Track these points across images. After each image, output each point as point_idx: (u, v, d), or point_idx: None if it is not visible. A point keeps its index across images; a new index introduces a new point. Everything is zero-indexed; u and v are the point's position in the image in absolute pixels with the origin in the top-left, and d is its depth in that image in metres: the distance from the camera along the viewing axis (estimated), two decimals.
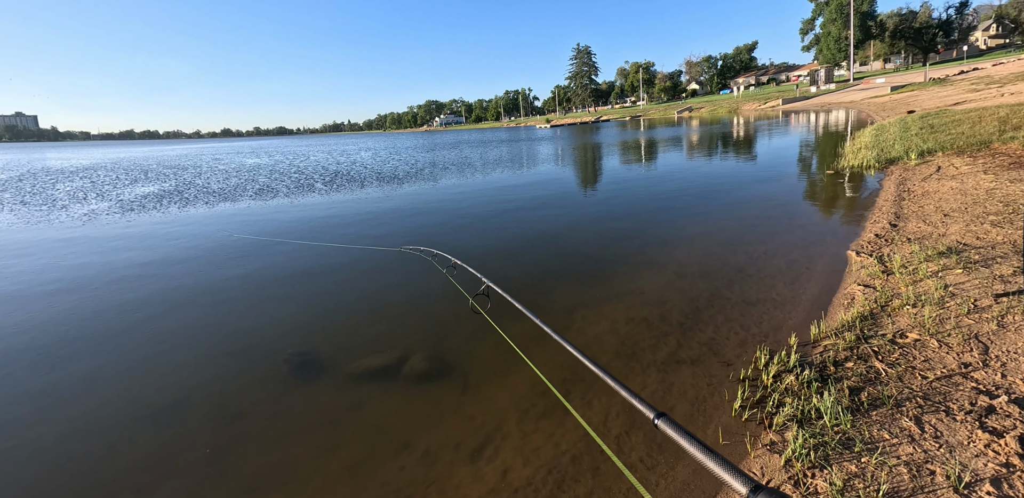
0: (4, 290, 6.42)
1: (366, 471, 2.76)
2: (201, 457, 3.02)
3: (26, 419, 3.52)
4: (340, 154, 39.72)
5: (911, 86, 32.48)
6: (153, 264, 7.66)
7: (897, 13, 65.33)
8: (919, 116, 14.40)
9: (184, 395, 3.72)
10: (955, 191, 6.17)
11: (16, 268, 7.52)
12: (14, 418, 3.53)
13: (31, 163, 42.57)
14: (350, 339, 4.46)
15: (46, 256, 8.48)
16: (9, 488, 2.85)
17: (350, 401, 3.48)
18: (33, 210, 14.27)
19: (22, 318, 5.44)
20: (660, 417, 0.86)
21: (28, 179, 25.49)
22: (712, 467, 0.70)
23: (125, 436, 3.28)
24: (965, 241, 4.47)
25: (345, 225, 9.69)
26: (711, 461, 0.70)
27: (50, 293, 6.38)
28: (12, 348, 4.69)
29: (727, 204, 8.63)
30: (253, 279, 6.42)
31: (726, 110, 52.21)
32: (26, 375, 4.17)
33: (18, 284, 6.66)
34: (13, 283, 6.70)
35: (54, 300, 6.15)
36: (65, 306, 5.90)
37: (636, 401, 0.94)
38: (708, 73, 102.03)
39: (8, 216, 13.23)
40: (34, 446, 3.20)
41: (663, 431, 0.83)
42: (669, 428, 0.82)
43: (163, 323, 5.10)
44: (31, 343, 4.82)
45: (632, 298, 4.76)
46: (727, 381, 3.13)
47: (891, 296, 3.72)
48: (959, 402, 2.44)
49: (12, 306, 5.78)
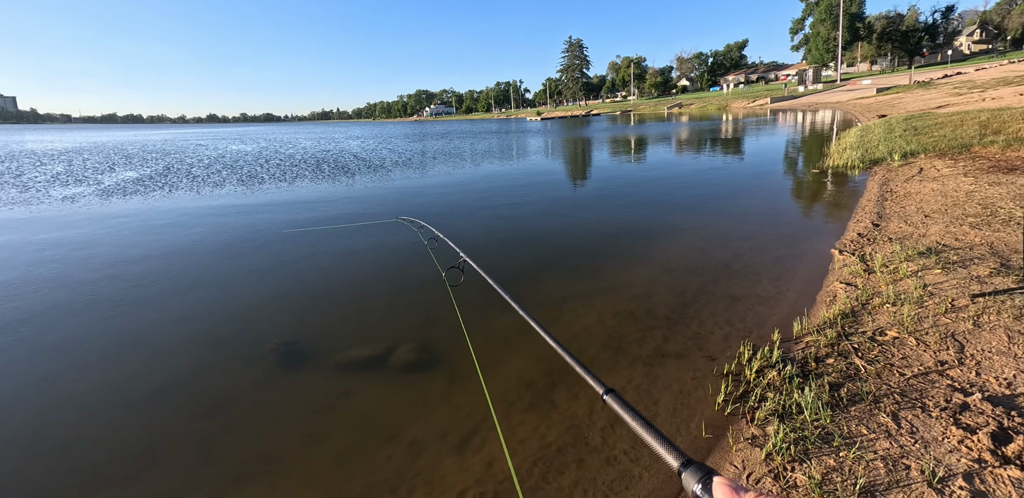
0: None
1: (353, 461, 2.76)
2: (186, 446, 2.98)
3: (5, 405, 3.43)
4: (329, 142, 39.10)
5: (896, 88, 33.03)
6: (135, 250, 7.48)
7: (885, 16, 66.16)
8: (903, 118, 14.66)
9: (169, 383, 3.67)
10: (936, 193, 6.31)
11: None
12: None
13: (8, 146, 41.07)
14: (338, 328, 4.43)
15: (27, 241, 8.26)
16: None
17: (337, 391, 3.46)
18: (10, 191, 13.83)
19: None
20: (608, 393, 0.91)
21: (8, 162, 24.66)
22: (649, 441, 0.74)
23: (108, 424, 3.23)
24: (944, 242, 4.59)
25: (330, 217, 9.58)
26: (648, 435, 0.75)
27: (33, 279, 6.21)
28: None
29: (715, 200, 8.71)
30: (239, 265, 6.31)
31: (715, 107, 52.52)
32: (4, 360, 4.07)
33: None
34: None
35: (36, 285, 5.99)
36: (46, 291, 5.74)
37: (588, 376, 1.01)
38: (699, 70, 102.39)
39: None
40: (14, 433, 3.13)
41: (610, 406, 0.88)
42: (615, 403, 0.87)
43: (146, 310, 4.99)
44: (8, 327, 4.69)
45: (620, 291, 4.80)
46: (711, 375, 3.18)
47: (872, 294, 3.80)
48: (935, 399, 2.52)
49: None
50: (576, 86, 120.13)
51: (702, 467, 0.65)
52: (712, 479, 0.60)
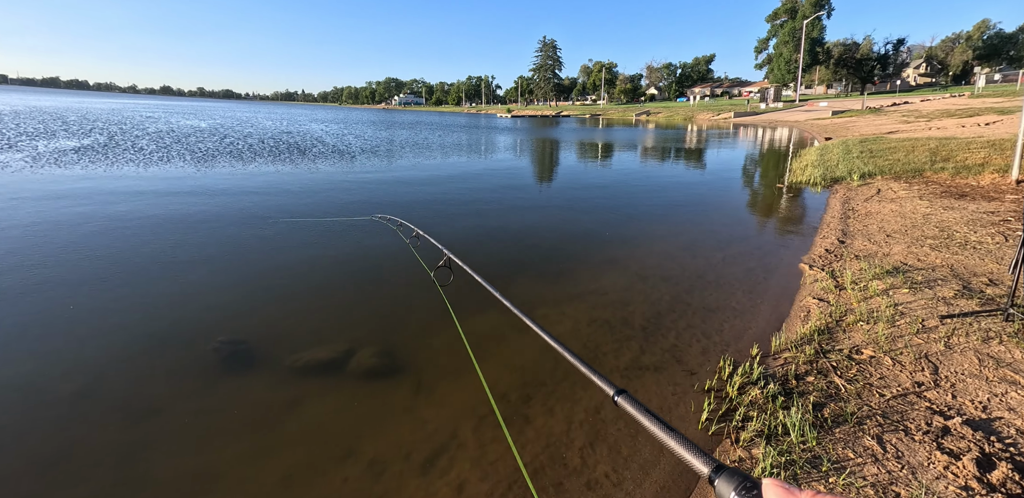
0: None
1: (303, 482, 2.45)
2: (106, 459, 2.58)
3: None
4: (292, 123, 37.38)
5: (850, 112, 34.98)
6: (64, 229, 6.72)
7: (842, 43, 70.09)
8: (858, 140, 15.43)
9: (92, 383, 3.21)
10: (895, 214, 6.56)
11: None
12: None
13: None
14: (293, 326, 4.05)
15: None
16: None
17: (287, 399, 3.12)
18: None
19: None
20: (620, 394, 0.85)
21: None
22: (673, 446, 0.69)
23: (15, 429, 2.77)
24: (908, 262, 4.71)
25: (300, 203, 9.02)
26: (672, 439, 0.70)
27: None
28: None
29: (685, 209, 8.79)
30: (184, 253, 5.76)
31: (682, 117, 54.03)
32: None
33: None
34: None
35: None
36: None
37: (597, 378, 0.94)
38: (667, 80, 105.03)
39: None
40: None
41: (623, 408, 0.82)
42: (629, 405, 0.81)
43: (72, 297, 4.42)
44: None
45: (594, 298, 4.66)
46: (692, 391, 3.07)
47: (845, 311, 3.82)
48: (916, 422, 2.49)
49: None
50: (548, 86, 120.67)
51: (738, 472, 0.58)
52: (761, 483, 0.52)
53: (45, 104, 54.61)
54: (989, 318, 3.44)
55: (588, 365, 0.99)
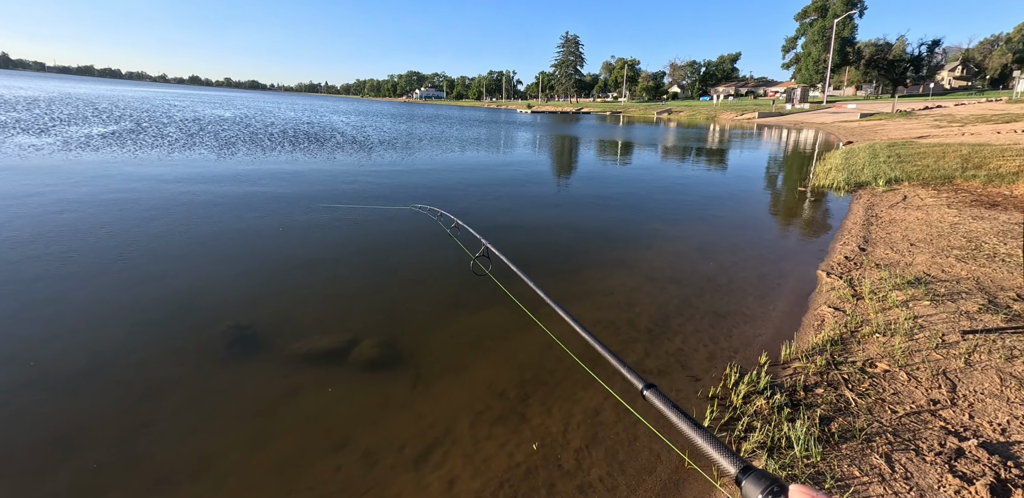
0: None
1: (296, 470, 2.45)
2: (108, 438, 2.62)
3: None
4: (314, 113, 37.68)
5: (879, 115, 33.91)
6: (86, 211, 6.86)
7: (874, 43, 67.93)
8: (886, 144, 14.94)
9: (99, 362, 3.26)
10: (921, 222, 6.33)
11: None
12: None
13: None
14: (300, 314, 4.07)
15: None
16: None
17: (287, 386, 3.13)
18: None
19: None
20: (648, 388, 0.84)
21: None
22: (702, 444, 0.68)
23: (22, 405, 2.82)
24: (932, 273, 4.53)
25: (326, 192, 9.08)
26: (701, 438, 0.69)
27: None
28: None
29: (700, 209, 8.61)
30: (200, 238, 5.83)
31: (704, 117, 53.08)
32: None
33: None
34: None
35: None
36: None
37: (627, 371, 0.96)
38: (691, 78, 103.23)
39: None
40: None
41: (651, 402, 0.81)
42: (657, 400, 0.80)
43: (89, 278, 4.51)
44: None
45: (600, 298, 4.58)
46: (695, 398, 2.99)
47: (861, 322, 3.69)
48: (928, 442, 2.38)
49: None
50: (569, 82, 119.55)
51: (767, 475, 0.58)
52: (788, 487, 0.53)
53: (79, 91, 56.00)
54: (1014, 335, 3.28)
55: (618, 357, 1.02)
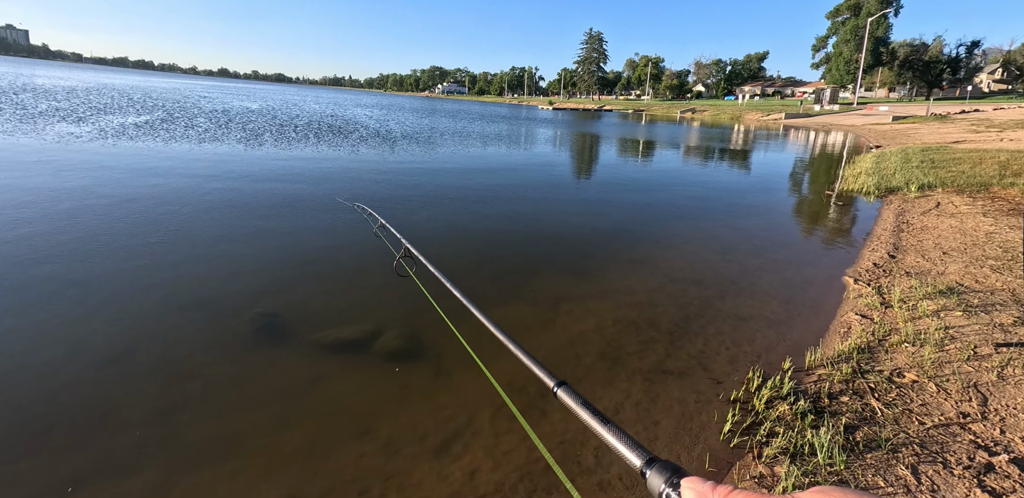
0: None
1: (321, 454, 2.53)
2: (144, 417, 2.73)
3: None
4: (339, 106, 38.09)
5: (912, 118, 32.86)
6: (116, 195, 7.10)
7: (909, 43, 65.59)
8: (920, 149, 14.49)
9: (136, 344, 3.39)
10: (954, 230, 6.15)
11: None
12: None
13: (20, 79, 39.54)
14: (324, 304, 4.16)
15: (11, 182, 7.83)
16: None
17: (313, 373, 3.21)
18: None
19: None
20: (560, 386, 0.85)
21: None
22: (607, 438, 0.68)
23: (66, 383, 2.96)
24: (964, 283, 4.41)
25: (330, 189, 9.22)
26: (607, 431, 0.69)
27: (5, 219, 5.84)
28: None
29: (723, 211, 8.49)
30: (232, 227, 5.99)
31: (728, 116, 52.11)
32: None
33: None
34: None
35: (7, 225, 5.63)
36: (17, 231, 5.38)
37: (538, 369, 0.95)
38: (716, 77, 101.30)
39: None
40: None
41: (561, 400, 0.83)
42: (568, 397, 0.82)
43: (121, 262, 4.68)
44: None
45: (620, 297, 4.58)
46: (716, 401, 2.98)
47: (889, 331, 3.62)
48: (957, 455, 2.34)
49: None
50: (591, 79, 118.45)
51: (669, 465, 0.58)
52: (681, 480, 0.53)
53: (114, 82, 57.58)
54: None
55: (531, 355, 1.00)
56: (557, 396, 0.84)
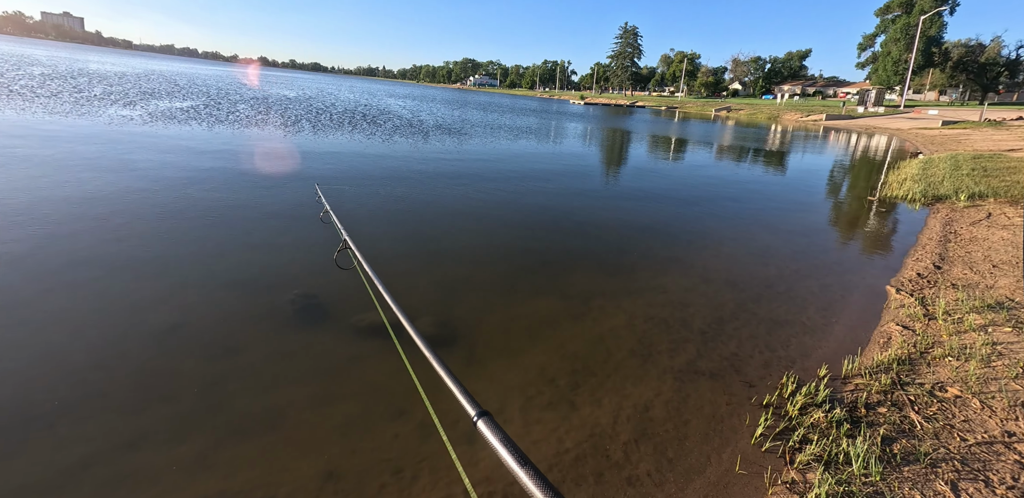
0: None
1: (358, 432, 2.62)
2: (192, 388, 2.88)
3: (14, 323, 3.36)
4: (372, 96, 38.50)
5: (964, 123, 31.25)
6: (164, 176, 7.40)
7: (964, 44, 62.08)
8: (971, 156, 13.81)
9: (185, 319, 3.56)
10: (1006, 242, 5.88)
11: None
12: (4, 322, 3.38)
13: (76, 64, 41.31)
14: (359, 289, 4.27)
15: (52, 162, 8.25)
16: None
17: (351, 354, 3.32)
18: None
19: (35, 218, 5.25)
20: (482, 416, 0.81)
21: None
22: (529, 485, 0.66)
23: (118, 352, 3.14)
24: (1015, 298, 4.23)
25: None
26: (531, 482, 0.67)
27: (70, 195, 6.17)
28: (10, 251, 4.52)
29: (760, 213, 8.30)
30: (267, 213, 6.18)
31: (765, 116, 50.55)
32: (25, 278, 4.01)
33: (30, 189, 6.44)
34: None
35: (73, 202, 5.94)
36: (83, 208, 5.68)
37: (463, 396, 0.89)
38: (754, 75, 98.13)
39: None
40: (19, 352, 3.05)
41: (481, 432, 0.79)
42: (487, 429, 0.78)
43: (176, 241, 4.90)
44: (30, 239, 4.63)
45: (653, 296, 4.55)
46: (748, 404, 2.96)
47: (932, 343, 3.51)
48: (1000, 474, 2.27)
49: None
50: (624, 75, 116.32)
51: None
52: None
53: (161, 68, 59.57)
54: None
55: (458, 381, 0.95)
56: (476, 426, 0.80)
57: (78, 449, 2.37)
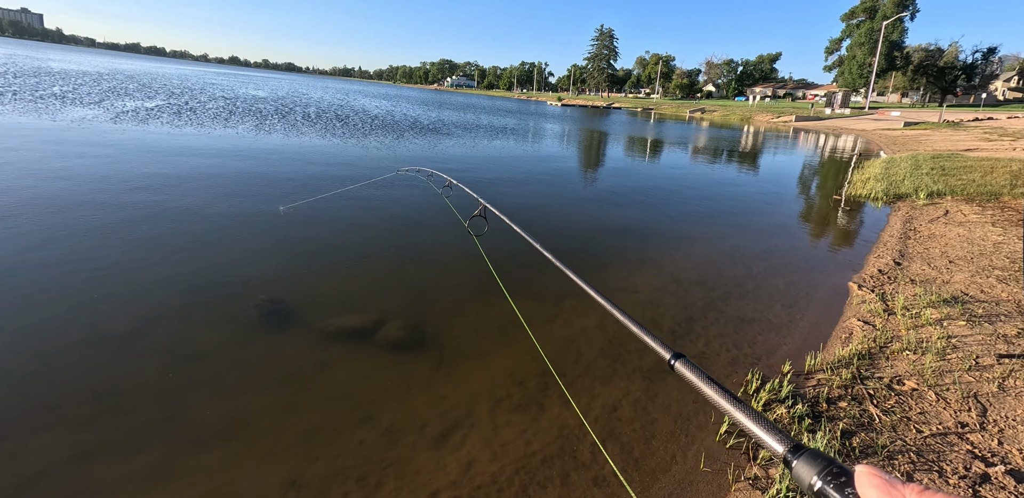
0: None
1: (322, 439, 2.56)
2: (149, 397, 2.77)
3: None
4: (346, 95, 37.94)
5: (924, 124, 32.53)
6: (117, 180, 7.13)
7: (924, 48, 64.63)
8: (930, 156, 14.37)
9: (143, 326, 3.43)
10: (962, 239, 6.12)
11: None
12: None
13: (32, 63, 39.57)
14: (330, 292, 4.19)
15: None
16: None
17: (317, 360, 3.24)
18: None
19: None
20: (677, 358, 0.79)
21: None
22: (747, 424, 0.62)
23: (72, 361, 3.00)
24: (969, 292, 4.40)
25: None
26: (746, 417, 0.62)
27: (27, 198, 5.89)
28: None
29: (730, 213, 8.46)
30: (239, 213, 6.01)
31: (738, 117, 51.71)
32: None
33: None
34: None
35: (28, 206, 5.67)
36: (38, 212, 5.43)
37: (654, 342, 0.88)
38: (727, 77, 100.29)
39: None
40: None
41: (680, 373, 0.76)
42: (687, 370, 0.75)
43: (136, 245, 4.71)
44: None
45: (624, 296, 4.58)
46: None
47: (891, 338, 3.62)
48: (953, 464, 2.35)
49: None
50: (601, 76, 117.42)
51: (822, 454, 0.51)
52: (852, 470, 0.44)
53: (127, 67, 57.59)
54: None
55: (647, 330, 0.91)
56: (673, 369, 0.78)
57: (27, 463, 2.25)
